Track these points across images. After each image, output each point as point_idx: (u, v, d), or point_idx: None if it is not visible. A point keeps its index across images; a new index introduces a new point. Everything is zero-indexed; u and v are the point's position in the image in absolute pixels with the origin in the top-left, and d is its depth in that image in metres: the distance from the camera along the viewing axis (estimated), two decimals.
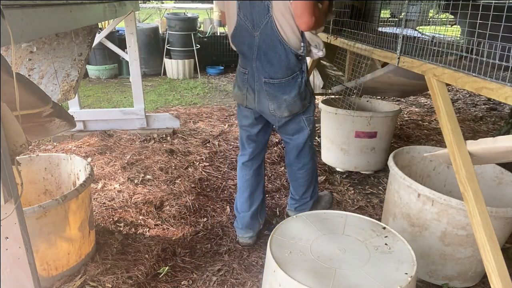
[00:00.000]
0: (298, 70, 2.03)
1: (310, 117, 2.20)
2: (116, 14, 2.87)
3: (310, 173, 2.40)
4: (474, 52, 1.54)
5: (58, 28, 1.60)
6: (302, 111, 2.13)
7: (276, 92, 2.04)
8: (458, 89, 6.16)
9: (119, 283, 1.94)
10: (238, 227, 2.33)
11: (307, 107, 2.15)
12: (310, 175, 2.40)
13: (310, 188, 2.45)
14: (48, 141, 3.72)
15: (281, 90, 2.04)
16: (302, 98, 2.07)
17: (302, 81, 2.05)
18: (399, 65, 2.05)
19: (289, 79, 2.02)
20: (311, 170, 2.39)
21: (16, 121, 1.06)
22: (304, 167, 2.35)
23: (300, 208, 2.49)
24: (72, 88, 2.03)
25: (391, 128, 3.10)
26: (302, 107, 2.10)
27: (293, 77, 2.02)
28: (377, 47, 2.29)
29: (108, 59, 6.61)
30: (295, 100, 2.05)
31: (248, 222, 2.30)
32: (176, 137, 3.85)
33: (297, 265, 1.36)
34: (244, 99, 2.16)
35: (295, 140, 2.24)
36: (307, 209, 2.48)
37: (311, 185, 2.44)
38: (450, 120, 1.64)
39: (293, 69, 2.01)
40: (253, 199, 2.34)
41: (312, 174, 2.42)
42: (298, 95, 2.05)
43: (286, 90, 2.03)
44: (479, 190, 1.52)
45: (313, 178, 2.44)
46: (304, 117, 2.16)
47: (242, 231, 2.31)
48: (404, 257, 1.43)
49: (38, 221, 1.76)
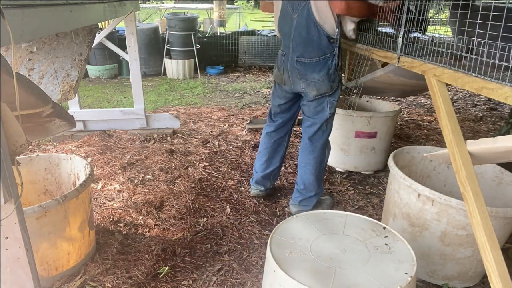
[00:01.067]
0: (329, 53, 2.20)
1: (334, 101, 2.34)
2: (116, 14, 2.87)
3: (319, 162, 2.47)
4: (474, 52, 1.54)
5: (58, 28, 1.60)
6: (329, 93, 2.28)
7: (307, 70, 2.24)
8: (458, 89, 6.16)
9: (119, 283, 1.94)
10: (252, 183, 2.76)
11: (335, 90, 2.29)
12: (319, 164, 2.47)
13: (317, 181, 2.50)
14: (48, 141, 3.72)
15: (311, 69, 2.23)
16: (330, 79, 2.23)
17: (332, 64, 2.21)
18: (399, 65, 2.05)
19: (319, 59, 2.21)
20: (321, 159, 2.47)
21: (16, 121, 1.06)
22: (315, 151, 2.44)
23: (304, 203, 2.54)
24: (72, 88, 2.03)
25: (391, 128, 3.10)
26: (330, 89, 2.27)
27: (324, 58, 2.20)
28: (377, 47, 2.29)
29: (108, 59, 6.61)
30: (323, 80, 2.23)
31: (260, 180, 2.72)
32: (176, 137, 3.85)
33: (297, 265, 1.36)
34: (282, 79, 2.39)
35: (314, 120, 2.40)
36: (310, 206, 2.52)
37: (318, 178, 2.50)
38: (450, 120, 1.64)
39: (324, 51, 2.19)
40: (269, 164, 2.70)
41: (321, 164, 2.49)
42: (327, 76, 2.22)
43: (316, 69, 2.22)
44: (479, 190, 1.52)
45: (321, 170, 2.51)
46: (328, 99, 2.31)
47: (254, 185, 2.74)
48: (404, 257, 1.43)
49: (38, 221, 1.76)
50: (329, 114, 2.36)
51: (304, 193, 2.53)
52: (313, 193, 2.53)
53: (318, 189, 2.54)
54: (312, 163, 2.47)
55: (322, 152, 2.47)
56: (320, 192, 2.56)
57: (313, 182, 2.51)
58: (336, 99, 2.35)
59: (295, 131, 4.06)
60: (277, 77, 2.46)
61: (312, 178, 2.50)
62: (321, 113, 2.36)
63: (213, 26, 8.51)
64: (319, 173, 2.51)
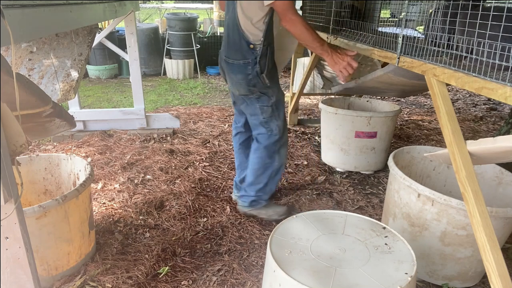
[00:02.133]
0: (250, 58, 2.17)
1: (264, 107, 2.30)
2: (116, 14, 2.87)
3: (262, 165, 2.42)
4: (474, 52, 1.54)
5: (58, 28, 1.60)
6: (253, 97, 2.28)
7: (229, 71, 2.27)
8: (458, 89, 6.16)
9: (119, 283, 1.94)
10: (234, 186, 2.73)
11: (259, 96, 2.27)
12: (262, 167, 2.42)
13: (257, 184, 2.45)
14: (48, 141, 3.72)
15: (232, 70, 2.25)
16: (250, 84, 2.23)
17: (252, 70, 2.19)
18: (399, 65, 2.04)
19: (240, 62, 2.20)
20: (264, 162, 2.41)
21: (16, 121, 1.06)
22: (257, 151, 2.41)
23: (241, 200, 2.54)
24: (72, 88, 2.03)
25: (391, 128, 3.10)
26: (249, 92, 2.26)
27: (244, 63, 2.19)
28: (377, 47, 2.29)
29: (108, 59, 6.61)
30: (241, 83, 2.24)
31: (236, 185, 2.69)
32: (176, 137, 3.85)
33: (297, 265, 1.36)
34: (223, 77, 2.44)
35: (251, 121, 2.41)
36: (245, 204, 2.52)
37: (259, 182, 2.45)
38: (450, 120, 1.64)
39: (244, 55, 2.17)
40: (240, 169, 2.67)
41: (265, 169, 2.42)
42: (244, 80, 2.22)
43: (235, 71, 2.23)
44: (479, 190, 1.52)
45: (266, 176, 2.44)
46: (258, 105, 2.30)
47: (235, 190, 2.70)
48: (404, 257, 1.43)
49: (38, 221, 1.76)
50: (263, 119, 2.32)
51: (245, 188, 2.52)
52: (252, 194, 2.47)
53: (259, 193, 2.46)
54: (254, 162, 2.43)
55: (266, 155, 2.39)
56: (262, 200, 2.49)
57: (253, 183, 2.46)
58: (266, 105, 2.28)
59: (295, 131, 4.06)
60: (222, 76, 2.49)
61: (252, 178, 2.45)
62: (256, 116, 2.34)
63: (213, 26, 8.51)
64: (261, 177, 2.43)
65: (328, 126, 3.17)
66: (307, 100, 5.50)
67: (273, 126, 2.35)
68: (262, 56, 2.18)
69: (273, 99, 2.30)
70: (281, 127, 2.36)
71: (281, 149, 2.42)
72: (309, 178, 3.09)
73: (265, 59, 2.20)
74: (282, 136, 2.38)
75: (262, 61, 2.19)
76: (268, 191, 2.50)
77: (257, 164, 2.43)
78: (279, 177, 2.53)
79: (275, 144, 2.38)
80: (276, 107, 2.33)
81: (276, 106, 2.33)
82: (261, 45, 2.16)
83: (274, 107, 2.32)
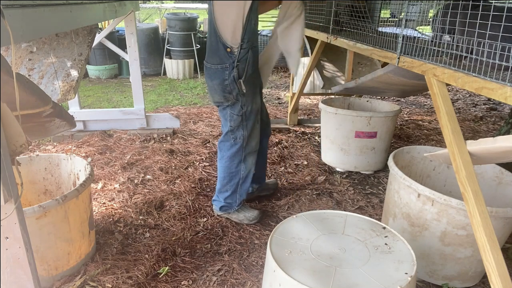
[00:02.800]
0: (228, 63, 2.09)
1: (234, 115, 2.21)
2: (116, 14, 2.87)
3: (228, 174, 2.36)
4: (474, 52, 1.54)
5: (58, 28, 1.60)
6: (227, 104, 2.20)
7: (207, 76, 2.22)
8: (458, 89, 6.17)
9: (119, 283, 1.94)
10: None
11: (233, 102, 2.18)
12: (227, 175, 2.36)
13: (224, 191, 2.41)
14: (48, 141, 3.72)
15: (209, 75, 2.18)
16: (226, 90, 2.14)
17: (230, 75, 2.10)
18: (399, 65, 2.05)
19: (218, 67, 2.12)
20: (229, 171, 2.35)
21: (16, 121, 1.06)
22: (222, 160, 2.37)
23: (213, 204, 2.53)
24: (72, 88, 2.03)
25: (391, 128, 3.10)
26: (224, 99, 2.18)
27: (222, 67, 2.11)
28: (377, 47, 2.29)
29: (108, 59, 6.61)
30: (216, 89, 2.16)
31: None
32: (176, 137, 3.85)
33: (297, 264, 1.36)
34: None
35: (223, 129, 2.33)
36: (216, 209, 2.50)
37: (226, 187, 2.40)
38: (450, 120, 1.64)
39: (222, 59, 2.09)
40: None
41: (231, 178, 2.37)
42: (221, 86, 2.13)
43: (212, 76, 2.16)
44: (479, 190, 1.52)
45: (232, 184, 2.38)
46: (229, 111, 2.22)
47: None
48: (404, 257, 1.43)
49: (38, 221, 1.76)
50: (230, 127, 2.24)
51: (217, 194, 2.48)
52: (221, 199, 2.44)
53: (228, 201, 2.42)
54: (221, 170, 2.39)
55: (230, 164, 2.33)
56: (230, 207, 2.45)
57: (220, 190, 2.43)
58: (236, 113, 2.20)
59: (295, 131, 4.06)
60: None
61: (219, 186, 2.43)
62: (225, 123, 2.27)
63: None
64: (228, 185, 2.39)
65: (328, 126, 3.17)
66: (307, 100, 5.50)
67: (238, 135, 2.26)
68: (241, 61, 2.08)
69: (245, 108, 2.19)
70: (245, 137, 2.27)
71: (247, 157, 2.34)
72: (309, 178, 3.09)
73: (245, 63, 2.09)
74: (246, 145, 2.29)
75: (241, 66, 2.09)
76: (238, 198, 2.43)
77: (222, 172, 2.39)
78: (248, 185, 2.43)
79: (238, 153, 2.30)
80: (246, 118, 2.22)
81: (247, 117, 2.22)
82: (239, 48, 2.05)
83: (244, 117, 2.21)
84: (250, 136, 2.29)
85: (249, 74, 2.13)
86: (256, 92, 2.25)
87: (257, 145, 2.37)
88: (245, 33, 2.04)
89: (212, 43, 2.12)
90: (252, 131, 2.29)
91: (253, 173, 2.45)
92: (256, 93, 2.26)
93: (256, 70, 2.22)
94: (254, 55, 2.14)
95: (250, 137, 2.30)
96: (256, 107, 2.26)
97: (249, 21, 2.03)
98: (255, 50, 2.16)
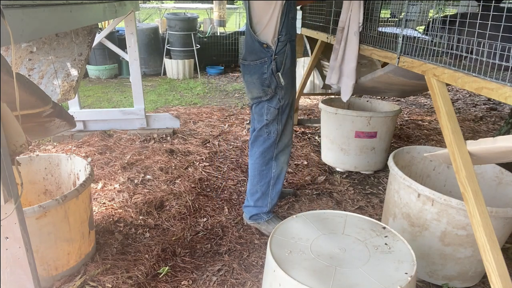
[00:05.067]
0: (266, 57, 2.11)
1: (271, 108, 2.20)
2: (116, 14, 2.87)
3: (258, 172, 2.33)
4: (474, 52, 1.54)
5: (58, 28, 1.60)
6: (266, 98, 2.19)
7: (245, 72, 2.22)
8: (458, 89, 6.16)
9: (119, 283, 1.94)
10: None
11: (272, 95, 2.18)
12: (258, 174, 2.33)
13: (255, 192, 2.36)
14: (48, 141, 3.72)
15: (248, 71, 2.19)
16: (263, 83, 2.15)
17: (268, 68, 2.12)
18: (399, 65, 2.05)
19: (256, 63, 2.13)
20: (260, 169, 2.32)
21: (16, 121, 1.06)
22: (253, 156, 2.34)
23: (244, 211, 2.46)
24: (72, 88, 2.03)
25: (391, 128, 3.10)
26: (263, 93, 2.18)
27: (260, 62, 2.12)
28: (377, 47, 2.29)
29: (108, 59, 6.61)
30: (255, 83, 2.16)
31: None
32: (176, 137, 3.85)
33: (297, 264, 1.36)
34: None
35: (255, 125, 2.30)
36: (247, 217, 2.44)
37: (256, 187, 2.35)
38: (450, 120, 1.64)
39: (259, 55, 2.11)
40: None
41: (261, 177, 2.33)
42: (259, 79, 2.14)
43: (251, 72, 2.17)
44: (479, 190, 1.52)
45: (262, 184, 2.34)
46: (267, 105, 2.21)
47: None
48: (404, 257, 1.43)
49: (38, 221, 1.76)
50: (266, 121, 2.22)
51: (247, 198, 2.43)
52: (252, 204, 2.39)
53: (258, 204, 2.36)
54: (251, 168, 2.36)
55: (261, 161, 2.30)
56: (262, 213, 2.38)
57: (250, 191, 2.39)
58: (274, 106, 2.20)
59: (295, 131, 4.06)
60: None
61: (249, 186, 2.39)
62: (261, 118, 2.25)
63: (213, 26, 8.51)
64: (258, 186, 2.34)
65: (328, 126, 3.17)
66: (307, 100, 5.50)
67: (273, 129, 2.25)
68: (279, 54, 2.10)
69: (282, 102, 2.20)
70: (279, 132, 2.26)
71: (279, 155, 2.31)
72: (309, 178, 3.09)
73: (283, 56, 2.12)
74: (279, 141, 2.28)
75: (279, 59, 2.11)
76: (269, 202, 2.36)
77: (253, 170, 2.35)
78: (280, 187, 2.38)
79: (271, 149, 2.28)
80: (282, 111, 2.22)
81: (283, 110, 2.22)
82: (277, 41, 2.09)
83: (281, 110, 2.22)
84: (284, 132, 2.29)
85: (287, 67, 2.15)
86: (293, 86, 2.28)
87: (289, 143, 2.36)
88: (282, 27, 2.07)
89: (247, 41, 2.16)
90: (285, 126, 2.29)
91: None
92: (294, 87, 2.29)
93: (294, 63, 2.25)
94: (292, 49, 2.17)
95: (284, 133, 2.29)
96: (292, 100, 2.29)
97: (286, 15, 2.07)
98: (293, 43, 2.18)
